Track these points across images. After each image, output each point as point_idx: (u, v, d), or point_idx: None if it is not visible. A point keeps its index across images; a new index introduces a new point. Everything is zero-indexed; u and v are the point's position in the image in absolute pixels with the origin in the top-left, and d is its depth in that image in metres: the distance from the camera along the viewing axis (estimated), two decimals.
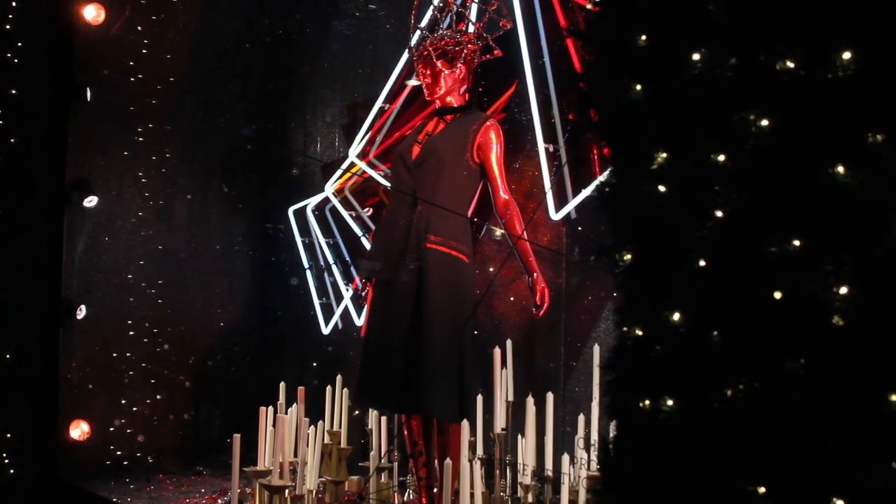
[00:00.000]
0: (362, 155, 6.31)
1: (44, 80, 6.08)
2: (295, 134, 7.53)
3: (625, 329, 2.26)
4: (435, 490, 4.84)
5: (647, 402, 2.15)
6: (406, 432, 4.96)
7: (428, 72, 4.90)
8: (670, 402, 2.11)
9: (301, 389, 5.33)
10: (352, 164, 6.47)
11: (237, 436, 5.02)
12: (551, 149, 5.08)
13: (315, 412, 5.60)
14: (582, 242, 5.51)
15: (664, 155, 2.12)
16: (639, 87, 2.16)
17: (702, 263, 2.07)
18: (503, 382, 4.74)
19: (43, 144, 6.06)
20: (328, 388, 5.93)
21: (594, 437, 4.35)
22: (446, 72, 4.87)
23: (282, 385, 5.77)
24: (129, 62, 6.52)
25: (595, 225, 5.35)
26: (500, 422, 4.58)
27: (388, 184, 6.25)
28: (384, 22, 7.14)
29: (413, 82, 5.72)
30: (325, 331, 7.01)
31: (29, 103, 5.96)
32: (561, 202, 5.05)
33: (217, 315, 7.31)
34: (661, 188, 2.12)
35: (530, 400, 4.62)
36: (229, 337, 7.35)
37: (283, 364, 7.39)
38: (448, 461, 4.46)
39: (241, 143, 7.29)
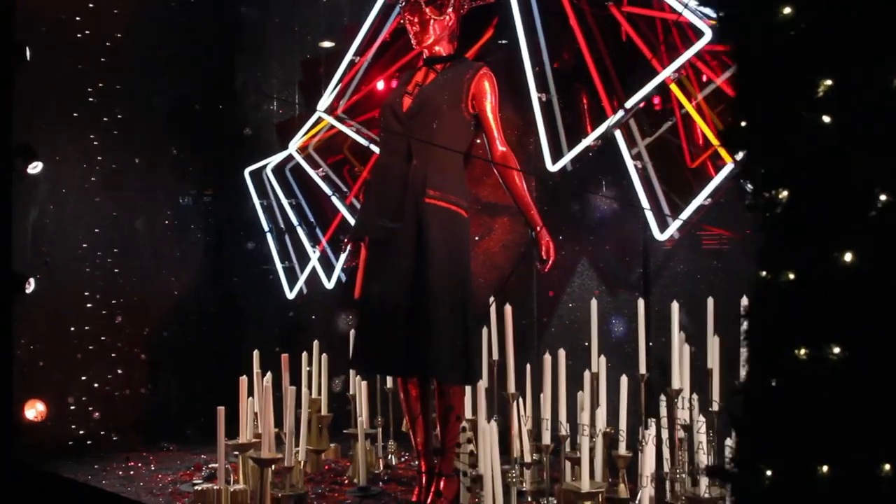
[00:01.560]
0: (330, 110, 6.04)
1: None
2: (246, 91, 7.20)
3: (766, 274, 2.09)
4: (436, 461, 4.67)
5: (804, 350, 1.99)
6: (402, 396, 4.76)
7: (416, 19, 4.64)
8: (837, 350, 1.96)
9: (284, 356, 5.09)
10: (318, 121, 6.19)
11: (221, 408, 4.76)
12: (544, 98, 4.90)
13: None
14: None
15: (828, 83, 1.94)
16: (787, 9, 1.97)
17: (882, 198, 1.90)
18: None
19: None
20: (304, 354, 5.71)
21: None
22: (436, 19, 4.62)
23: (255, 353, 5.52)
24: (74, 17, 6.09)
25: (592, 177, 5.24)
26: (512, 382, 4.43)
27: (359, 138, 6.02)
28: None
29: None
30: (290, 295, 6.76)
31: None
32: (556, 153, 4.88)
33: (171, 283, 6.98)
34: (826, 119, 1.94)
35: (548, 358, 4.44)
36: (184, 306, 7.02)
37: (242, 332, 7.12)
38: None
39: (190, 100, 6.90)
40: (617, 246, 6.15)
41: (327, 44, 6.71)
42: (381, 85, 5.94)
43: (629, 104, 4.73)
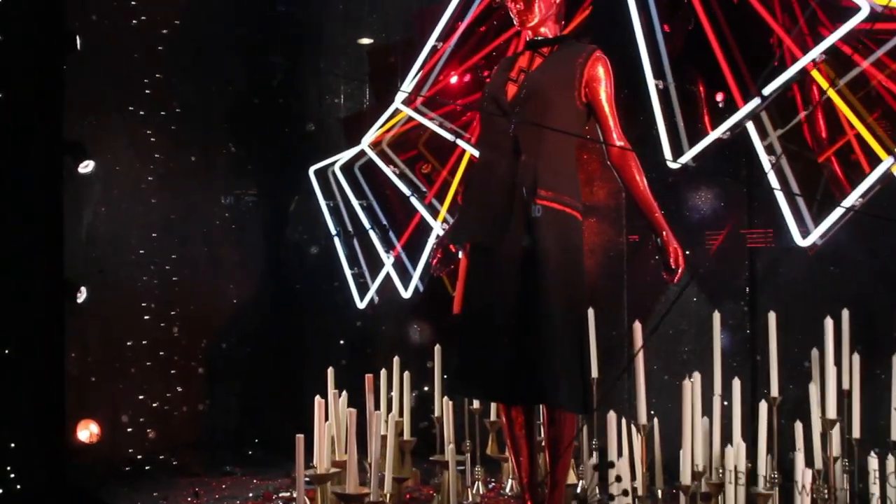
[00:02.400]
0: (408, 102, 5.51)
1: (29, 27, 5.14)
2: (307, 85, 6.68)
3: None
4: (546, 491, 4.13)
5: None
6: (505, 421, 4.21)
7: None
8: None
9: (369, 377, 4.56)
10: (393, 114, 5.67)
11: (300, 437, 4.22)
12: (661, 85, 4.35)
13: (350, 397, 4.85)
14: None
15: None
16: None
17: None
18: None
19: (34, 103, 5.11)
20: (383, 372, 5.18)
21: None
22: None
23: (330, 371, 4.99)
24: (129, 2, 5.60)
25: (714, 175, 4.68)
26: (643, 411, 3.87)
27: (444, 132, 5.49)
28: None
29: None
30: (361, 305, 6.23)
31: (15, 54, 5.01)
32: (676, 149, 4.32)
33: (229, 291, 6.48)
34: None
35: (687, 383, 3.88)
36: (244, 316, 6.52)
37: (306, 344, 6.63)
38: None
39: (251, 93, 6.40)
40: (720, 250, 5.58)
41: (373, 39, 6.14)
42: (466, 74, 5.40)
43: (767, 90, 4.16)
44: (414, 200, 5.64)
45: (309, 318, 6.66)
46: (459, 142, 5.31)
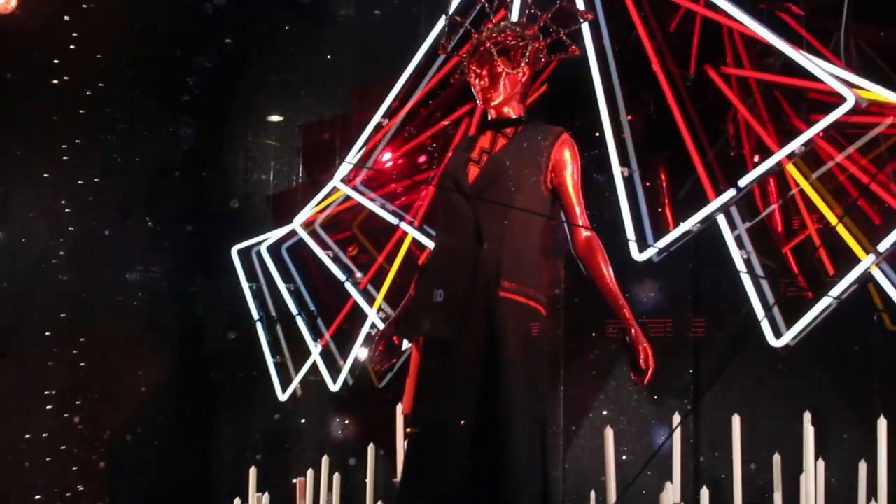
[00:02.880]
0: (347, 180, 5.19)
1: None
2: (235, 156, 6.31)
3: None
4: None
5: None
6: None
7: (485, 72, 3.80)
8: None
9: (300, 482, 4.13)
10: (330, 193, 5.32)
11: None
12: (626, 173, 4.12)
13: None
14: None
15: None
16: None
17: None
18: None
19: None
20: (309, 474, 4.73)
21: None
22: (508, 72, 3.80)
23: (252, 472, 4.53)
24: (51, 60, 5.18)
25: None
26: None
27: (387, 215, 5.16)
28: (349, 24, 6.07)
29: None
30: (282, 396, 5.78)
31: None
32: (640, 237, 4.07)
33: (138, 379, 5.97)
34: None
35: None
36: (153, 405, 6.00)
37: (221, 437, 6.14)
38: None
39: (175, 165, 6.01)
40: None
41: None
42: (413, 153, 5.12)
43: (743, 182, 3.96)
44: (349, 286, 5.27)
45: (225, 409, 6.18)
46: (403, 225, 4.99)
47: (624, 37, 4.28)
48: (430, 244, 4.98)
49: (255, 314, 5.89)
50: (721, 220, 4.08)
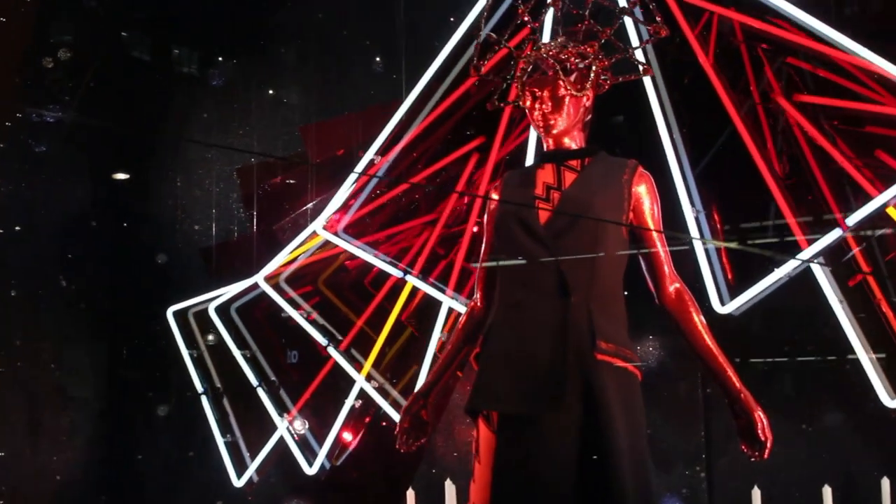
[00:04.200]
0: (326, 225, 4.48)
1: None
2: (163, 203, 5.47)
3: None
4: None
5: None
6: None
7: (546, 94, 3.21)
8: None
9: None
10: (302, 243, 4.58)
11: None
12: (695, 213, 3.58)
13: None
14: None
15: None
16: None
17: None
18: None
19: None
20: None
21: None
22: (574, 95, 3.21)
23: None
24: None
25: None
26: None
27: (387, 267, 4.45)
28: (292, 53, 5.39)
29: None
30: (238, 482, 4.93)
31: None
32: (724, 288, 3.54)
33: (53, 465, 5.05)
34: None
35: None
36: (72, 495, 5.06)
37: None
38: None
39: (92, 214, 5.16)
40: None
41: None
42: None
43: (851, 221, 3.47)
44: (332, 351, 4.51)
45: (164, 499, 5.26)
46: (410, 278, 4.29)
47: (678, 59, 3.78)
48: (443, 297, 4.31)
49: (198, 386, 5.05)
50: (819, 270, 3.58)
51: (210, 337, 5.04)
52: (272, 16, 5.30)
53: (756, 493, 3.62)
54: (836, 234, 3.53)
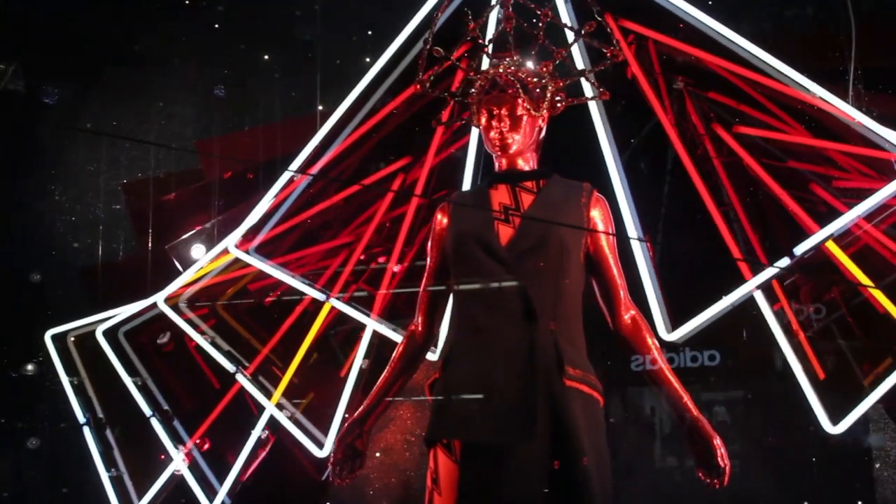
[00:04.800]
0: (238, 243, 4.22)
1: None
2: (38, 218, 5.08)
3: None
4: None
5: None
6: None
7: (504, 112, 3.11)
8: None
9: None
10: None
11: None
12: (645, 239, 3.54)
13: None
14: None
15: None
16: None
17: None
18: None
19: None
20: None
21: None
22: (532, 115, 3.13)
23: None
24: None
25: None
26: None
27: (305, 287, 4.22)
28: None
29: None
30: None
31: None
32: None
33: None
34: None
35: None
36: None
37: None
38: None
39: None
40: None
41: None
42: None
43: (799, 250, 3.49)
44: (241, 378, 4.24)
45: None
46: (334, 301, 4.07)
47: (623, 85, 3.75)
48: (368, 321, 4.10)
49: (80, 416, 4.65)
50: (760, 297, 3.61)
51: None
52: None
53: None
54: (783, 262, 3.57)
